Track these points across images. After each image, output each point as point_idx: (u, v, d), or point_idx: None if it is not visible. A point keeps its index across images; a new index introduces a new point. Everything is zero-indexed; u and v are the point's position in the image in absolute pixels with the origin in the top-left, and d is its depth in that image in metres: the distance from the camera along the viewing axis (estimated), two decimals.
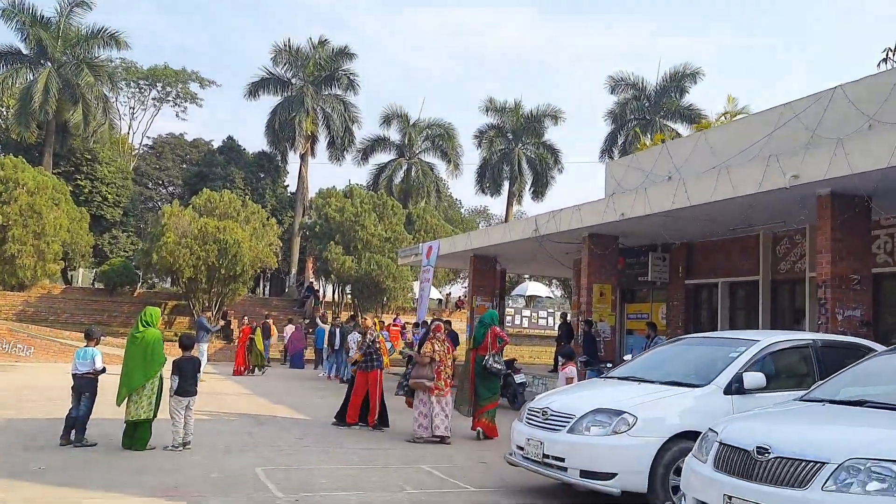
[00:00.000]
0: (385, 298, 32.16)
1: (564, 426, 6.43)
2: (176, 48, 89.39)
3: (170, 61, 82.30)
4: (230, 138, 45.97)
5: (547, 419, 6.65)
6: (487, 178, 45.48)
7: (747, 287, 15.57)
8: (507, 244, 18.59)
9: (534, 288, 40.63)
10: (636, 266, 17.66)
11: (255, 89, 42.19)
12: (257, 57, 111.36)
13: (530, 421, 6.94)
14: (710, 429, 5.19)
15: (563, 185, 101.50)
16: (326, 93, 42.65)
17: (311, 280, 34.04)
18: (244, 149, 45.72)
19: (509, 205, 45.51)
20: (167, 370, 8.97)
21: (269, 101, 51.30)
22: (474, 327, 12.73)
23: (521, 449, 6.89)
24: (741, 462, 4.62)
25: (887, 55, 14.28)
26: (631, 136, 42.82)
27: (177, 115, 53.19)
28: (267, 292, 46.01)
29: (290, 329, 25.70)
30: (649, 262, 16.99)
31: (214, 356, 25.08)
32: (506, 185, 45.79)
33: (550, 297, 44.19)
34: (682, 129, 39.88)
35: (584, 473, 6.13)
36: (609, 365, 14.47)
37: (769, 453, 4.48)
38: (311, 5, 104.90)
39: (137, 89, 54.40)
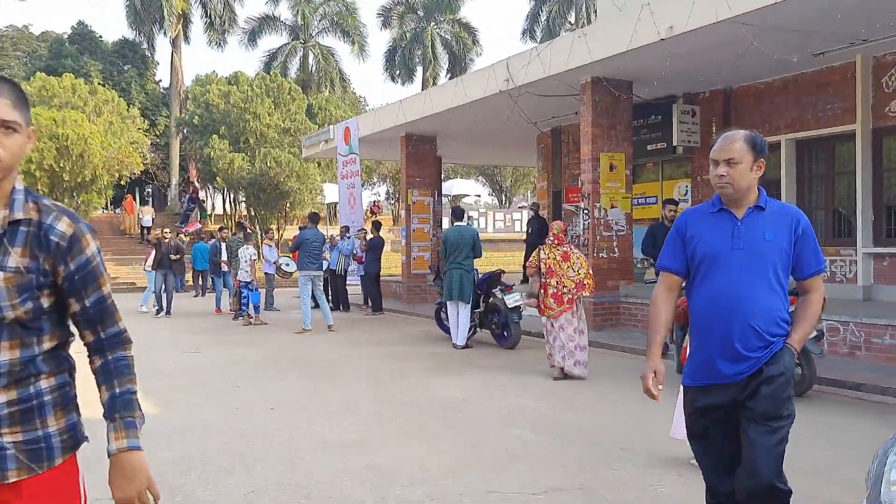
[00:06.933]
0: (288, 204, 25.92)
1: None
2: None
3: None
4: (81, 24, 38.33)
5: None
6: (398, 63, 39.25)
7: (831, 143, 10.69)
8: (460, 110, 13.04)
9: (460, 186, 34.72)
10: (643, 129, 12.52)
11: None
12: None
13: None
14: None
15: None
16: None
17: (194, 187, 27.37)
18: (101, 37, 38.11)
19: None
20: None
21: None
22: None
23: None
24: None
25: None
26: (554, 13, 37.53)
27: None
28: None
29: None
30: (673, 119, 11.85)
31: None
32: (419, 70, 39.67)
33: (479, 197, 38.61)
34: None
35: None
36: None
37: None
38: None
39: None
